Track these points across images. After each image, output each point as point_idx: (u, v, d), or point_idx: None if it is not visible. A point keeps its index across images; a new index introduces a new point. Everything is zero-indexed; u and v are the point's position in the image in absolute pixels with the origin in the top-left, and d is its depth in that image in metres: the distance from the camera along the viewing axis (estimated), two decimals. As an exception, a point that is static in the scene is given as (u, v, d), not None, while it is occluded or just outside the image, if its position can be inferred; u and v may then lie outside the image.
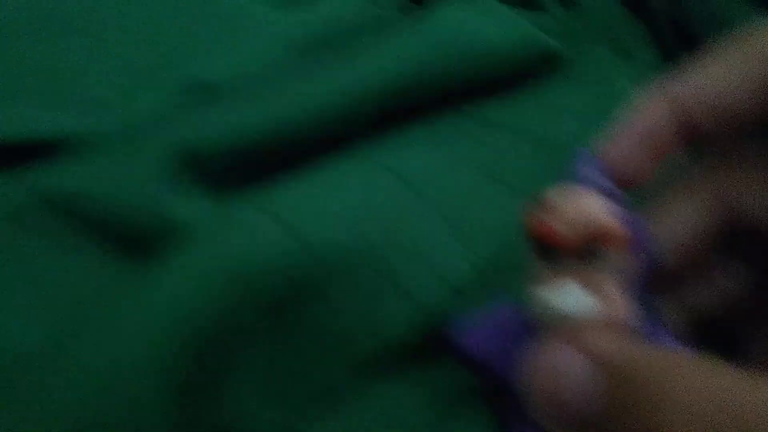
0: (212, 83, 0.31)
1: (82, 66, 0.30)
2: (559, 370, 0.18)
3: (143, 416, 0.19)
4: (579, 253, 0.20)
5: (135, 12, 0.33)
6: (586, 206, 0.20)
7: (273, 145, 0.28)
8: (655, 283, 0.22)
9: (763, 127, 0.23)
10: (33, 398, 0.20)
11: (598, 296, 0.19)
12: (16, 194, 0.25)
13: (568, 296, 0.19)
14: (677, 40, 0.40)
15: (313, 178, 0.26)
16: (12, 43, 0.30)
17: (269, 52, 0.33)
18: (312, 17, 0.35)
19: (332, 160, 0.28)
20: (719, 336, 0.25)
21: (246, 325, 0.22)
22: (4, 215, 0.25)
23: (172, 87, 0.30)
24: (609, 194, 0.21)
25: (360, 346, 0.24)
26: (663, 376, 0.16)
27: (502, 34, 0.33)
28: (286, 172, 0.27)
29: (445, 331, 0.23)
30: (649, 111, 0.23)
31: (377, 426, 0.23)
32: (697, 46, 0.25)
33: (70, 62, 0.30)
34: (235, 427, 0.22)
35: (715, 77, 0.23)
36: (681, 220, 0.24)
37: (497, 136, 0.32)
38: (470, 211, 0.28)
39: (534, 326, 0.20)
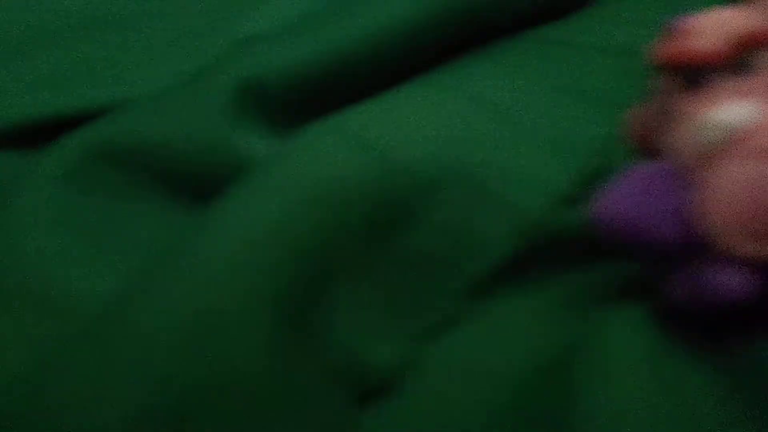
0: (259, 34, 0.29)
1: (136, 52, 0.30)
2: (760, 178, 0.16)
3: (252, 349, 0.17)
4: (730, 64, 0.17)
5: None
6: (724, 18, 0.18)
7: (341, 75, 0.26)
8: None
9: None
10: (121, 343, 0.17)
11: (762, 106, 0.17)
12: (71, 152, 0.24)
13: (734, 110, 0.17)
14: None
15: (391, 103, 0.24)
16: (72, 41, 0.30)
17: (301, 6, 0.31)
18: None
19: (408, 89, 0.26)
20: None
21: (345, 252, 0.20)
22: (61, 174, 0.23)
23: (221, 45, 0.29)
24: None
25: (468, 268, 0.21)
26: None
27: None
28: (359, 103, 0.25)
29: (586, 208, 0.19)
30: None
31: (497, 343, 0.20)
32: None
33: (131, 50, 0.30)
34: (349, 359, 0.19)
35: None
36: None
37: (564, 53, 0.30)
38: (556, 125, 0.26)
39: (682, 176, 0.18)
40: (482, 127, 0.24)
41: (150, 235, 0.22)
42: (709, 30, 0.18)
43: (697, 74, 0.18)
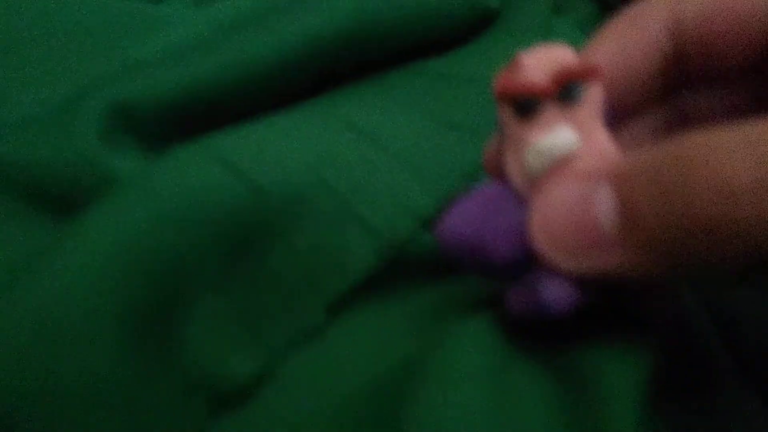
0: (145, 59, 0.29)
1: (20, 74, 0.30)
2: (576, 199, 0.18)
3: (94, 359, 0.17)
4: (557, 95, 0.19)
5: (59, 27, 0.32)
6: (555, 52, 0.19)
7: (215, 101, 0.26)
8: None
9: None
10: None
11: (584, 132, 0.19)
12: None
13: (558, 137, 0.19)
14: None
15: (262, 128, 0.25)
16: None
17: (197, 31, 0.32)
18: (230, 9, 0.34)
19: (281, 116, 0.27)
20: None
21: (201, 269, 0.20)
22: None
23: (108, 70, 0.29)
24: None
25: (327, 285, 0.22)
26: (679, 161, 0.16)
27: None
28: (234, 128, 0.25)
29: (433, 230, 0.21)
30: None
31: (359, 356, 0.21)
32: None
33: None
34: (203, 372, 0.20)
35: None
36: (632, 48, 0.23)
37: (449, 87, 0.32)
38: (430, 156, 0.27)
39: (518, 197, 0.19)
40: (351, 153, 0.25)
41: (11, 254, 0.22)
42: (537, 64, 0.19)
43: (527, 104, 0.19)
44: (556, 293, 0.18)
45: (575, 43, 0.33)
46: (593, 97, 0.19)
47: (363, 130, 0.27)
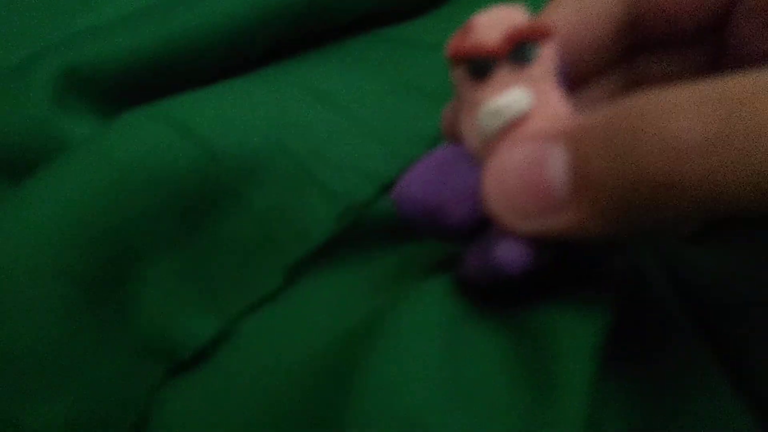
0: (95, 25, 0.29)
1: None
2: (529, 160, 0.18)
3: (40, 318, 0.17)
4: (509, 55, 0.19)
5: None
6: (508, 13, 0.19)
7: (168, 66, 0.26)
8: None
9: None
10: None
11: (537, 93, 0.19)
12: None
13: (510, 97, 0.19)
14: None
15: (217, 92, 0.25)
16: None
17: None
18: None
19: (239, 81, 0.27)
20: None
21: (154, 232, 0.20)
22: None
23: (56, 36, 0.28)
24: None
25: (288, 250, 0.22)
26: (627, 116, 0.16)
27: None
28: (189, 92, 0.25)
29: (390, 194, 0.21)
30: None
31: (318, 316, 0.21)
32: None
33: None
34: (158, 334, 0.19)
35: None
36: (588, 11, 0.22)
37: (411, 53, 0.32)
38: (391, 121, 0.27)
39: (473, 157, 0.19)
40: (311, 117, 0.25)
41: None
42: (490, 24, 0.19)
43: (479, 66, 0.19)
44: (509, 254, 0.18)
45: (539, 9, 0.33)
46: (546, 57, 0.19)
47: (322, 95, 0.26)
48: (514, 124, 0.19)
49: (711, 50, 0.22)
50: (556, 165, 0.17)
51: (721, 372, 0.20)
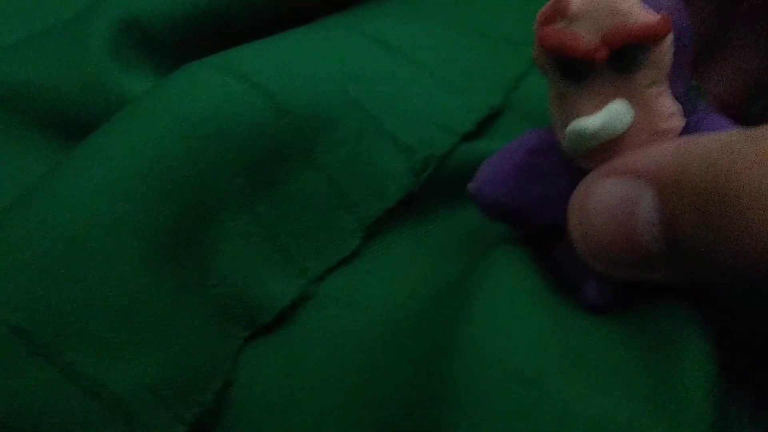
0: None
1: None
2: (617, 202, 0.15)
3: (121, 277, 0.16)
4: (610, 60, 0.16)
5: None
6: (604, 1, 0.16)
7: (228, 16, 0.24)
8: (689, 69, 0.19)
9: None
10: None
11: (640, 105, 0.16)
12: None
13: (603, 118, 0.16)
14: None
15: (281, 43, 0.23)
16: None
17: None
18: None
19: (300, 30, 0.25)
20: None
21: (227, 187, 0.19)
22: None
23: None
24: None
25: (365, 208, 0.21)
26: (728, 168, 0.14)
27: None
28: (251, 43, 0.24)
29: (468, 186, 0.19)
30: None
31: (399, 276, 0.20)
32: None
33: None
34: (237, 293, 0.19)
35: None
36: None
37: None
38: (463, 68, 0.25)
39: (555, 156, 0.18)
40: (379, 68, 0.23)
41: (30, 173, 0.21)
42: (588, 10, 0.16)
43: (572, 67, 0.17)
44: (596, 293, 0.17)
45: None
46: (657, 60, 0.16)
47: (390, 44, 0.25)
48: (610, 140, 0.16)
49: None
50: (647, 214, 0.15)
51: None
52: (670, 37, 0.16)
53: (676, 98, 0.17)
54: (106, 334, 0.16)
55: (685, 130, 0.17)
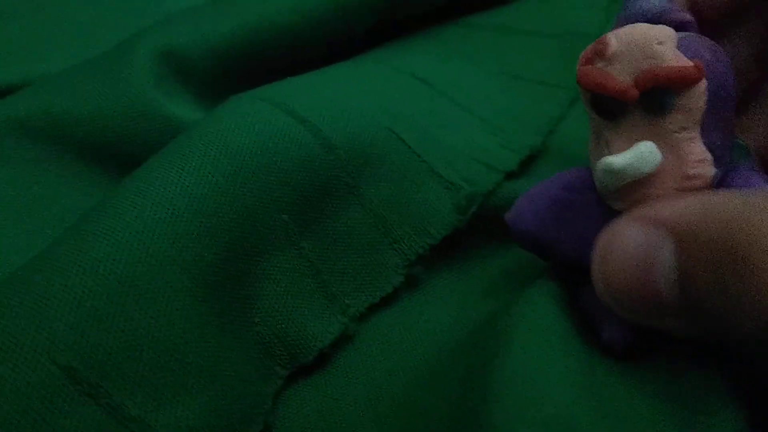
0: (190, 6, 0.27)
1: (55, 31, 0.28)
2: (638, 251, 0.15)
3: (171, 317, 0.16)
4: (642, 101, 0.16)
5: None
6: (647, 41, 0.16)
7: (265, 48, 0.24)
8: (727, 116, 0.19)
9: None
10: (21, 302, 0.15)
11: (669, 147, 0.16)
12: None
13: (637, 157, 0.16)
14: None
15: (320, 78, 0.23)
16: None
17: None
18: None
19: (337, 66, 0.25)
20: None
21: (274, 224, 0.19)
22: None
23: (143, 23, 0.27)
24: (673, 21, 0.18)
25: (409, 246, 0.20)
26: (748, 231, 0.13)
27: None
28: (292, 78, 0.24)
29: (505, 215, 0.19)
30: None
31: (439, 317, 0.19)
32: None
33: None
34: (279, 333, 0.18)
35: None
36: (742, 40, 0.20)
37: (510, 40, 0.30)
38: (493, 105, 0.25)
39: (589, 195, 0.18)
40: (420, 103, 0.23)
41: (74, 205, 0.20)
42: (624, 53, 0.16)
43: (606, 105, 0.17)
44: (616, 336, 0.17)
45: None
46: (687, 105, 0.16)
47: (429, 81, 0.25)
48: (638, 181, 0.17)
49: None
50: (666, 263, 0.15)
51: None
52: (703, 83, 0.16)
53: (710, 148, 0.17)
54: (152, 375, 0.15)
55: (720, 184, 0.17)
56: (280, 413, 0.18)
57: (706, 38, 0.17)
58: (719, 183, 0.17)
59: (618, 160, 0.16)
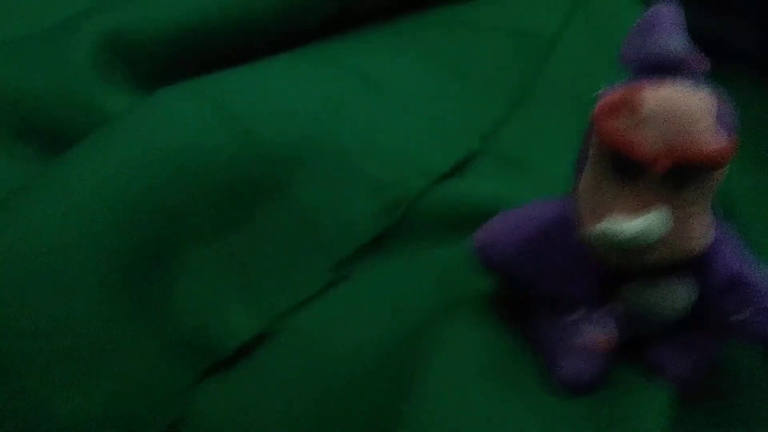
0: None
1: None
2: None
3: (79, 301, 0.16)
4: (665, 173, 0.16)
5: None
6: (688, 114, 0.15)
7: (212, 38, 0.24)
8: None
9: None
10: None
11: (679, 217, 0.16)
12: None
13: (649, 226, 0.16)
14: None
15: (261, 72, 0.23)
16: None
17: None
18: None
19: (281, 59, 0.25)
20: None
21: (194, 219, 0.19)
22: None
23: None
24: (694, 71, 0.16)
25: (336, 247, 0.21)
26: None
27: None
28: (232, 70, 0.24)
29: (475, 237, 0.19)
30: None
31: (364, 317, 0.20)
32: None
33: None
34: (194, 324, 0.19)
35: None
36: None
37: (467, 35, 0.30)
38: (438, 105, 0.26)
39: (568, 234, 0.17)
40: (359, 105, 0.24)
41: (5, 182, 0.21)
42: (659, 119, 0.15)
43: (627, 166, 0.16)
44: (569, 372, 0.17)
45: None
46: (710, 183, 0.16)
47: (372, 80, 0.25)
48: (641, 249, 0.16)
49: None
50: None
51: None
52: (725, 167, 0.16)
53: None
54: (59, 361, 0.16)
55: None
56: (196, 407, 0.18)
57: (721, 91, 0.16)
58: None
59: (628, 227, 0.16)
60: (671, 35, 0.16)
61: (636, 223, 0.16)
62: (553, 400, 0.17)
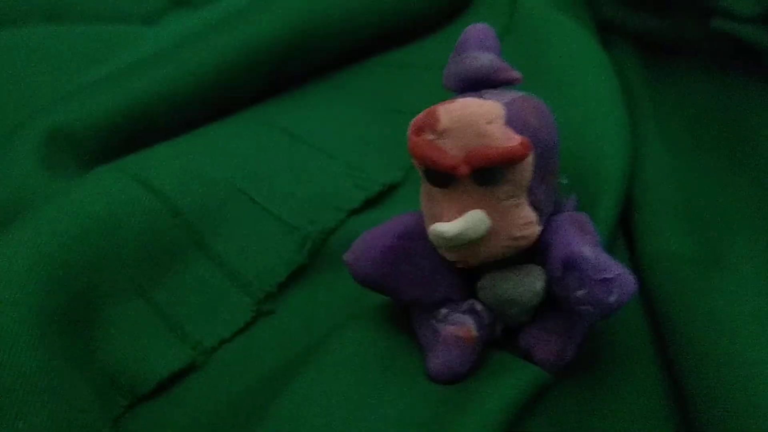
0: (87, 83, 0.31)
1: None
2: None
3: (21, 356, 0.19)
4: (472, 175, 0.17)
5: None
6: (477, 121, 0.17)
7: (152, 116, 0.28)
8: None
9: None
10: None
11: (498, 213, 0.18)
12: None
13: (467, 226, 0.17)
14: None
15: (188, 145, 0.26)
16: None
17: (155, 47, 0.33)
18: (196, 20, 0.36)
19: (219, 127, 0.28)
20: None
21: (120, 279, 0.22)
22: None
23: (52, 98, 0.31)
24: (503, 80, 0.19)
25: (258, 286, 0.23)
26: None
27: None
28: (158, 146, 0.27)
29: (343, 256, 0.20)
30: None
31: (280, 342, 0.22)
32: None
33: None
34: (121, 365, 0.21)
35: None
36: None
37: (405, 74, 0.32)
38: (369, 147, 0.28)
39: (423, 242, 0.19)
40: (278, 158, 0.26)
41: None
42: (453, 129, 0.17)
43: (437, 176, 0.18)
44: (437, 365, 0.19)
45: (546, 21, 0.32)
46: (516, 178, 0.17)
47: (295, 134, 0.28)
48: (468, 245, 0.18)
49: None
50: None
51: None
52: (531, 156, 0.17)
53: (536, 206, 0.18)
54: (6, 405, 0.18)
55: (543, 234, 0.18)
56: None
57: (532, 98, 0.18)
58: (542, 233, 0.18)
59: (448, 228, 0.17)
60: (477, 53, 0.19)
61: (453, 225, 0.18)
62: (426, 389, 0.19)
